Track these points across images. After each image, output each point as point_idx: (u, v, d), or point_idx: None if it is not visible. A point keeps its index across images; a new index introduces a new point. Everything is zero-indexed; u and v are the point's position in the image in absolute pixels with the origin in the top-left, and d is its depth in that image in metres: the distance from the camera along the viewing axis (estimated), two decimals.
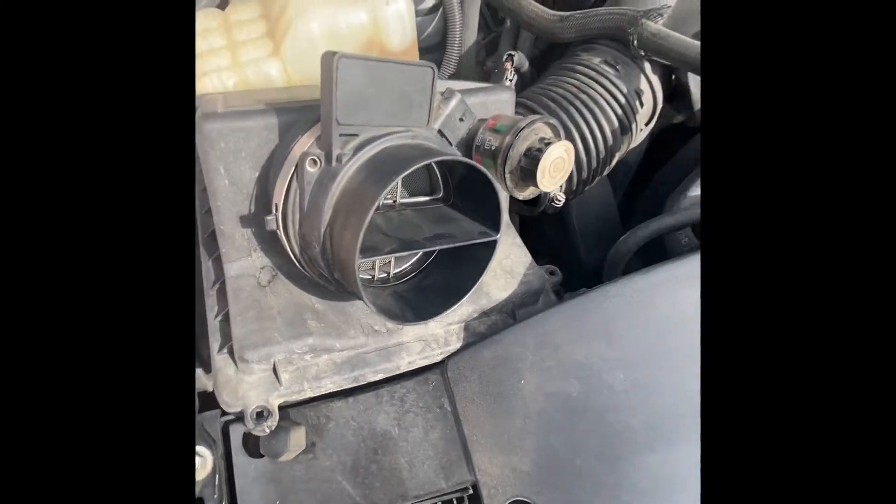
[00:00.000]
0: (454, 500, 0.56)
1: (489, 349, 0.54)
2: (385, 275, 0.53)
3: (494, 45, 1.06)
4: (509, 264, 0.59)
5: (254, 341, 0.49)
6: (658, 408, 0.46)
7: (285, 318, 0.51)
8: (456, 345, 0.57)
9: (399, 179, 0.39)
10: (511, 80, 0.79)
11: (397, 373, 0.56)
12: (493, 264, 0.57)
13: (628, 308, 0.50)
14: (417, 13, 0.95)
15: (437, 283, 0.52)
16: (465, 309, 0.56)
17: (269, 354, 0.49)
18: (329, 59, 0.37)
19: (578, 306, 0.51)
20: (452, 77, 1.00)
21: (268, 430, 0.49)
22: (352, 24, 0.79)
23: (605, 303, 0.50)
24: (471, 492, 0.56)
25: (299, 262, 0.48)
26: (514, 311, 0.58)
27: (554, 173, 0.48)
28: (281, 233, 0.46)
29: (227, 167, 0.47)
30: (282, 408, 0.58)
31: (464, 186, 0.51)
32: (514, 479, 0.51)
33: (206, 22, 0.80)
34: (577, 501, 0.47)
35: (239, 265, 0.52)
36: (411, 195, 0.53)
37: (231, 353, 0.51)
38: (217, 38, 0.80)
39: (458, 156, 0.43)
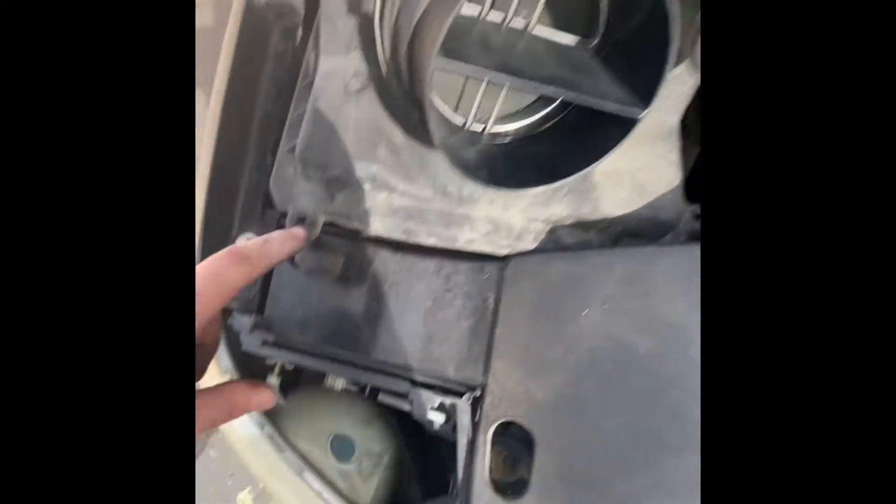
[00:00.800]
0: (458, 392, 0.52)
1: (566, 262, 0.44)
2: (482, 126, 0.43)
3: None
4: (643, 178, 0.45)
5: (317, 146, 0.45)
6: None
7: (358, 136, 0.45)
8: (529, 244, 0.48)
9: None
10: None
11: (452, 246, 0.49)
12: (620, 168, 0.45)
13: None
14: None
15: (538, 155, 0.42)
16: (559, 209, 0.46)
17: (328, 165, 0.45)
18: None
19: None
20: None
21: None
22: None
23: None
24: (477, 393, 0.52)
25: (387, 67, 0.40)
26: (620, 239, 0.47)
27: None
28: (377, 22, 0.38)
29: None
30: (330, 224, 0.56)
31: (631, 35, 0.37)
32: (522, 401, 0.45)
33: None
34: (568, 465, 0.41)
35: (334, 61, 0.46)
36: (557, 29, 0.40)
37: (293, 150, 0.48)
38: None
39: None
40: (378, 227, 0.48)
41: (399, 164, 0.46)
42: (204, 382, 0.67)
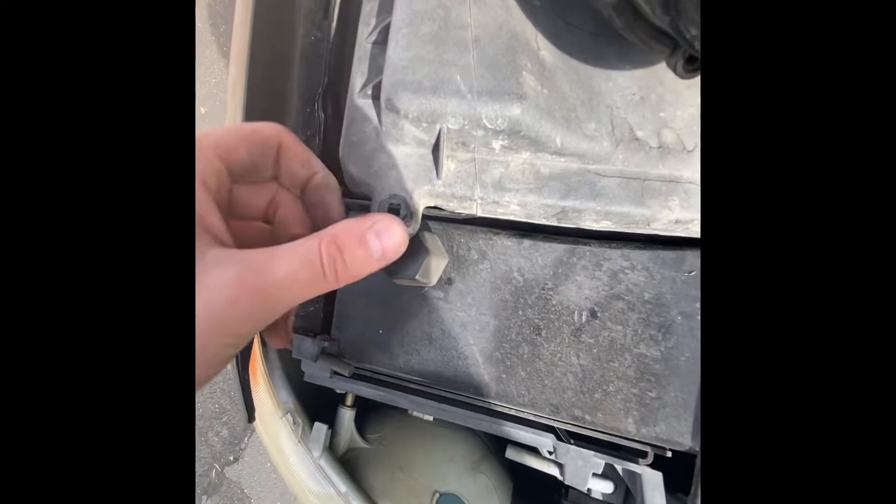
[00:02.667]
0: (635, 452, 0.34)
1: None
2: None
3: None
4: None
5: (418, 77, 0.25)
6: None
7: (486, 53, 0.26)
8: None
9: None
10: None
11: (643, 231, 0.30)
12: None
13: None
14: None
15: None
16: None
17: (437, 110, 0.26)
18: None
19: None
20: None
21: None
22: None
23: None
24: (668, 454, 0.34)
25: None
26: None
27: None
28: None
29: None
30: (430, 217, 0.37)
31: None
32: None
33: None
34: None
35: None
36: None
37: (377, 93, 0.29)
38: None
39: None
40: (514, 206, 0.29)
41: (557, 99, 0.26)
42: (257, 421, 0.52)
